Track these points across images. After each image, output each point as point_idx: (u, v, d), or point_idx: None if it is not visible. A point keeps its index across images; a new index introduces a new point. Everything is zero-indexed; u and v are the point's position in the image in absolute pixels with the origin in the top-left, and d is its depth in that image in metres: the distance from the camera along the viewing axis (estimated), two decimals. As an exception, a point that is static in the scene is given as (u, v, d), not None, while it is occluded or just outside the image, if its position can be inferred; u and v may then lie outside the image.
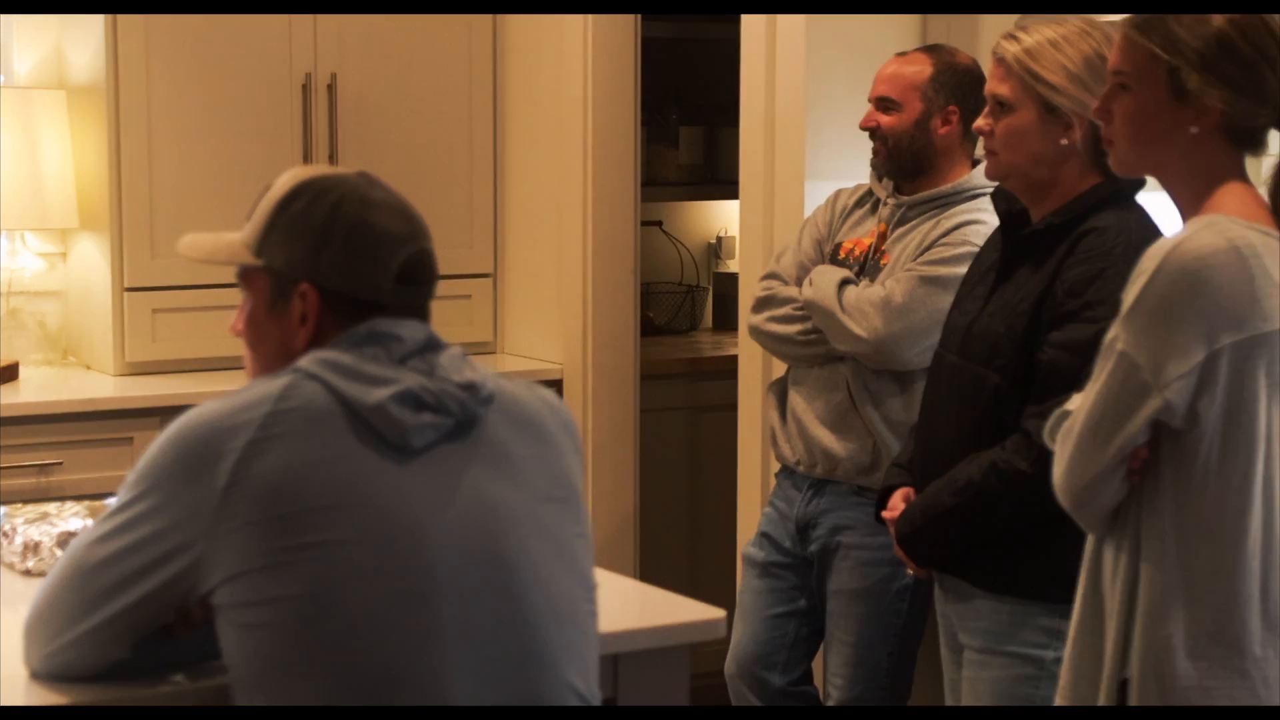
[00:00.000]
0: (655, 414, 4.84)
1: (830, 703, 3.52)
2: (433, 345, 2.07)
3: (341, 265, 2.05)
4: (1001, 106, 2.90)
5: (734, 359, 4.21)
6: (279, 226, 2.08)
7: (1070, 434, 2.29)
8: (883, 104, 3.44)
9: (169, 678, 2.09)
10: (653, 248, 5.54)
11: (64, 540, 2.55)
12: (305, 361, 2.01)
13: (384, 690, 1.93)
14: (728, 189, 5.48)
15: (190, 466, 1.95)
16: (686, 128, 5.59)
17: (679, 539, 4.96)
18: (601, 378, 4.60)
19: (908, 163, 3.43)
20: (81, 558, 2.01)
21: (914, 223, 3.43)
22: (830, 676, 3.52)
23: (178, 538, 1.95)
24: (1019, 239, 2.92)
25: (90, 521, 2.60)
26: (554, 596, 2.03)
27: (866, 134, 3.49)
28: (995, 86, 2.91)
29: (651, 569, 4.55)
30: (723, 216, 5.77)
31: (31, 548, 2.56)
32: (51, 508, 2.70)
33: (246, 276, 2.12)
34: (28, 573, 2.56)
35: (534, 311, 4.80)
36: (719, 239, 5.77)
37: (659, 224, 5.61)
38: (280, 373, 2.02)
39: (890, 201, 3.47)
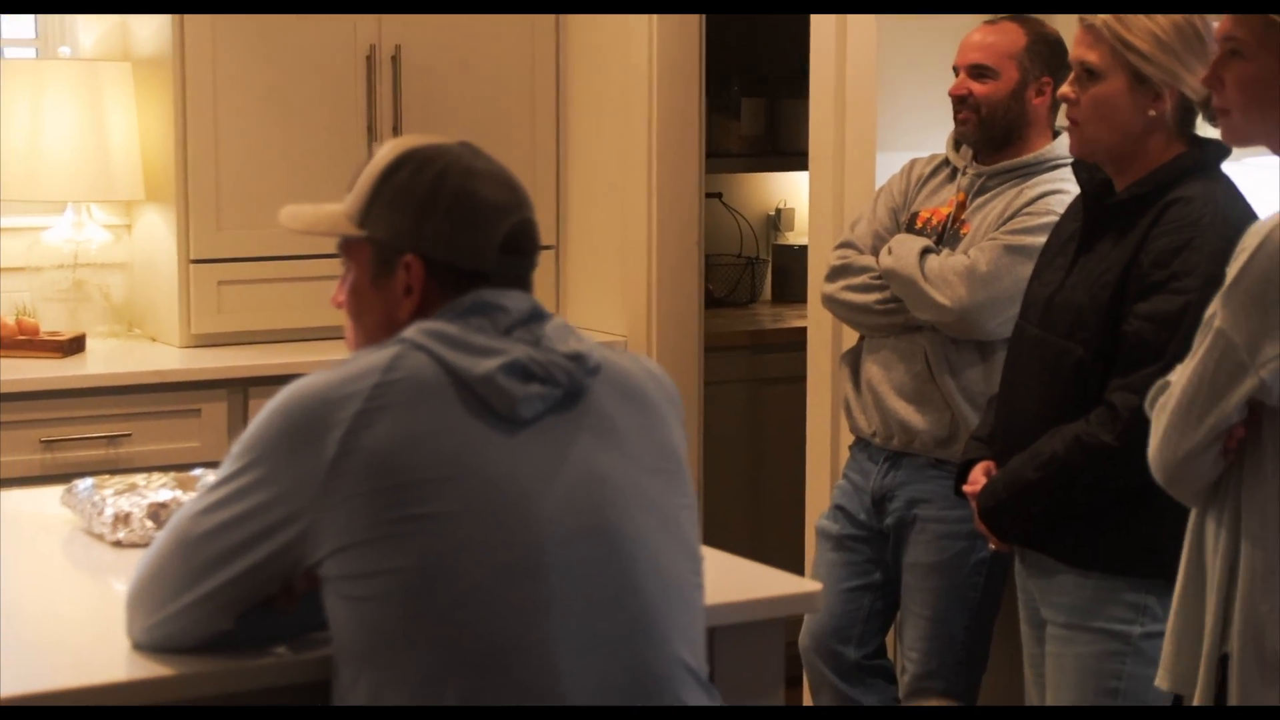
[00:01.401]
0: (716, 386, 4.81)
1: (905, 676, 3.49)
2: (537, 315, 2.05)
3: (446, 235, 2.03)
4: (1090, 74, 2.83)
5: (795, 331, 4.19)
6: (382, 197, 2.06)
7: (1165, 409, 2.27)
8: (976, 71, 3.37)
9: (271, 649, 2.08)
10: (712, 219, 5.50)
11: (154, 511, 2.55)
12: (411, 332, 2.00)
13: (492, 663, 1.91)
14: (788, 160, 5.45)
15: (298, 437, 1.93)
16: (748, 99, 5.55)
17: (742, 512, 4.95)
18: (665, 350, 4.57)
19: (999, 132, 3.37)
20: (187, 529, 2.00)
21: (995, 192, 3.39)
22: (905, 650, 3.50)
23: (285, 509, 1.94)
24: (1102, 209, 2.88)
25: (179, 492, 2.60)
26: (662, 569, 2.02)
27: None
28: (1083, 53, 2.84)
29: (714, 543, 4.49)
30: (782, 188, 5.74)
31: (122, 519, 2.55)
32: (140, 478, 2.69)
33: (349, 248, 2.10)
34: (118, 544, 2.56)
35: (596, 283, 4.78)
36: (779, 210, 5.74)
37: (719, 196, 5.58)
38: (386, 344, 2.00)
39: (970, 171, 3.43)
